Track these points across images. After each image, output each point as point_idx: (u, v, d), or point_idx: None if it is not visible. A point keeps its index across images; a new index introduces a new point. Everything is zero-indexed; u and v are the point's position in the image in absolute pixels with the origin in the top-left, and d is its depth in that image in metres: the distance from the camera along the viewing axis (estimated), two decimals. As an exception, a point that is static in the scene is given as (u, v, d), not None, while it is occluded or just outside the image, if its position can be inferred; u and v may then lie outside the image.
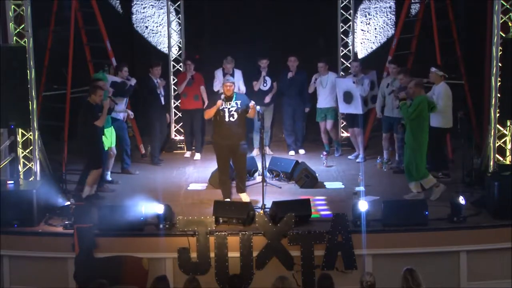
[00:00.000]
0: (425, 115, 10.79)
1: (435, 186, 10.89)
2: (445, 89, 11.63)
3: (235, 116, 10.78)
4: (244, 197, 10.91)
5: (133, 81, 12.49)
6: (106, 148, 11.69)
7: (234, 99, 10.83)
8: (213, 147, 11.11)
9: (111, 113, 11.64)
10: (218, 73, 13.44)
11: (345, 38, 14.27)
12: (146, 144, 13.61)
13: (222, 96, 10.84)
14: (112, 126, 11.83)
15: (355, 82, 12.81)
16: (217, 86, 13.42)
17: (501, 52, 10.83)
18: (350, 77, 13.05)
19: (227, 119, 10.76)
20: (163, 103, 13.15)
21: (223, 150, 10.86)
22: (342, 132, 14.16)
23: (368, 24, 14.76)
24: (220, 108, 10.76)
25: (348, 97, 12.93)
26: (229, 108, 10.77)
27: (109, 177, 12.04)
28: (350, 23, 14.23)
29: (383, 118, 12.79)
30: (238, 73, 13.34)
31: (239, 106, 10.81)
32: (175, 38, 14.51)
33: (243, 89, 13.22)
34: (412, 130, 10.76)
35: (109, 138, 11.78)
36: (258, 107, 11.03)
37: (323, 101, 13.38)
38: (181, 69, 14.26)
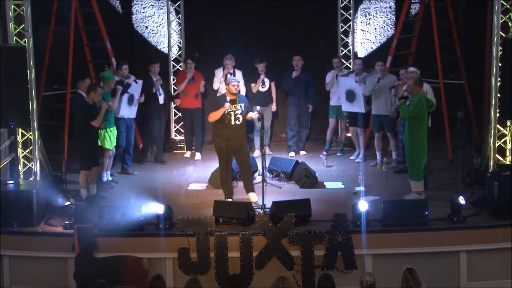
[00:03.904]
0: (424, 115, 10.71)
1: (418, 193, 10.83)
2: (429, 88, 11.66)
3: (241, 119, 10.78)
4: (253, 197, 10.90)
5: (131, 79, 12.45)
6: (111, 148, 11.71)
7: (238, 101, 10.81)
8: (215, 148, 11.08)
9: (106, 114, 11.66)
10: (218, 72, 13.44)
11: (345, 38, 14.29)
12: (147, 144, 13.63)
13: (228, 99, 10.80)
14: (114, 126, 11.83)
15: (358, 81, 12.80)
16: (216, 84, 13.43)
17: (501, 52, 10.83)
18: (352, 75, 13.05)
19: (232, 122, 10.75)
20: (161, 102, 13.15)
21: (225, 151, 10.84)
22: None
23: (368, 24, 14.75)
24: (226, 111, 10.74)
25: (350, 96, 12.92)
26: (235, 112, 10.75)
27: (109, 177, 12.04)
28: (350, 23, 14.26)
29: (372, 118, 12.78)
30: (238, 74, 13.33)
31: (243, 109, 10.81)
32: (175, 38, 14.52)
33: (243, 90, 13.21)
34: (410, 130, 10.72)
35: (113, 138, 11.78)
36: (258, 107, 11.04)
37: (338, 99, 13.33)
38: (181, 69, 14.27)
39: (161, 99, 13.12)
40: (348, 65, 14.05)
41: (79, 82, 11.45)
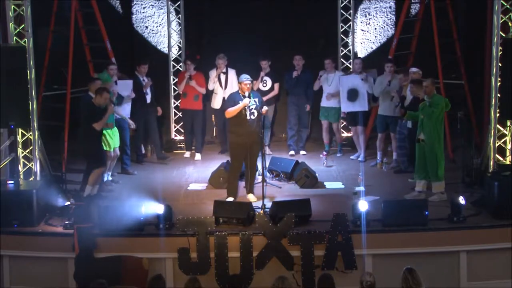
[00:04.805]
0: (443, 114, 10.82)
1: (441, 193, 10.88)
2: None
3: (255, 114, 10.81)
4: (251, 198, 10.93)
5: (112, 79, 12.40)
6: (111, 149, 11.70)
7: (252, 96, 10.84)
8: (230, 145, 11.10)
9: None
10: (212, 73, 13.49)
11: (345, 38, 14.29)
12: (146, 144, 13.64)
13: (247, 94, 10.83)
14: (112, 128, 11.81)
15: (364, 78, 12.80)
16: (211, 85, 13.45)
17: (501, 52, 10.83)
18: (354, 74, 13.05)
19: (248, 117, 10.78)
20: (148, 101, 13.10)
21: (242, 149, 10.85)
22: (343, 132, 14.15)
23: (368, 24, 14.75)
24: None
25: (353, 95, 12.89)
26: (249, 106, 10.78)
27: (109, 177, 12.03)
28: (350, 23, 14.26)
29: (378, 118, 12.77)
30: (231, 72, 13.34)
31: (258, 104, 10.85)
32: (175, 38, 14.53)
33: (236, 88, 13.18)
34: (438, 131, 10.72)
35: (114, 139, 11.77)
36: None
37: (328, 101, 13.35)
38: (181, 69, 14.29)
39: (148, 98, 13.09)
40: (348, 65, 14.05)
41: (89, 83, 11.44)
